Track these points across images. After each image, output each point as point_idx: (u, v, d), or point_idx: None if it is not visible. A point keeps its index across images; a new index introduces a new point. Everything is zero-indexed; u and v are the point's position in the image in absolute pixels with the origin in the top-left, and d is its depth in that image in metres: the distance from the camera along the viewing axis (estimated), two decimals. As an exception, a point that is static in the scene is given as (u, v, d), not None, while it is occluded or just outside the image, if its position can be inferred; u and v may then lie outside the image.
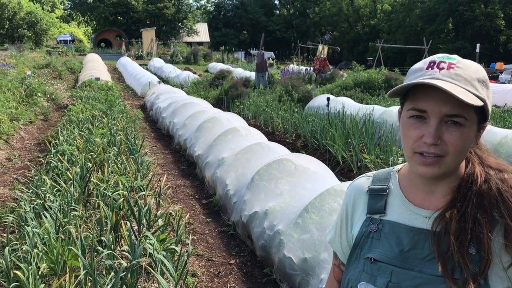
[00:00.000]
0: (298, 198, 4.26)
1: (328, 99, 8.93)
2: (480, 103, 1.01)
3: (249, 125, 8.38)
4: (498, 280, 1.01)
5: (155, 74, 22.00)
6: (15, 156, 7.61)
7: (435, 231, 1.05)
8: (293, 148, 8.19)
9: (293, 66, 21.68)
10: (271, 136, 9.26)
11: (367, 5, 55.13)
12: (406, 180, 1.17)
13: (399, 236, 1.11)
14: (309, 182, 4.58)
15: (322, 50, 19.90)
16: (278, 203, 4.28)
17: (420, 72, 1.07)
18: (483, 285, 1.00)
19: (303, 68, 20.32)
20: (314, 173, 4.77)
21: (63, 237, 3.13)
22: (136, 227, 3.88)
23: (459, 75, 1.03)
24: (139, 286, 3.05)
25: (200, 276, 3.86)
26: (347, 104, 9.86)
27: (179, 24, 55.32)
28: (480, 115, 1.06)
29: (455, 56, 1.07)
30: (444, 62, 1.05)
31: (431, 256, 1.05)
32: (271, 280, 3.79)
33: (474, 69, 1.05)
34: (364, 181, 1.26)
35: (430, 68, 1.06)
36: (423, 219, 1.10)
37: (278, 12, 66.35)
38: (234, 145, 6.22)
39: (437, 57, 1.08)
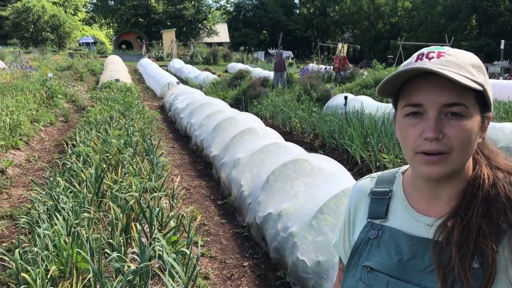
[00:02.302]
0: (313, 199, 4.17)
1: (346, 98, 8.79)
2: (478, 87, 0.92)
3: (267, 125, 8.32)
4: None
5: (175, 75, 22.10)
6: (34, 157, 7.69)
7: (437, 241, 0.96)
8: (311, 148, 8.09)
9: (312, 65, 21.51)
10: (289, 136, 9.18)
11: (388, 3, 54.45)
12: (410, 183, 1.08)
13: (399, 244, 1.02)
14: (326, 183, 4.48)
15: (342, 48, 19.69)
16: (292, 205, 4.20)
17: (408, 66, 0.98)
18: None
19: (323, 67, 20.15)
20: (331, 174, 4.66)
21: (67, 240, 3.10)
22: (149, 229, 3.84)
23: (451, 62, 0.94)
24: (149, 289, 3.01)
25: (212, 278, 3.80)
26: (366, 103, 9.70)
27: (199, 25, 55.59)
28: (481, 103, 0.96)
29: (445, 47, 1.00)
30: (433, 52, 0.97)
31: (431, 267, 0.96)
32: (284, 283, 3.71)
33: (466, 55, 0.98)
34: (367, 182, 1.18)
35: (419, 60, 0.98)
36: (425, 227, 1.01)
37: (298, 11, 66.07)
38: (250, 145, 6.16)
39: (425, 49, 1.00)
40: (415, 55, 1.01)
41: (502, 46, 25.12)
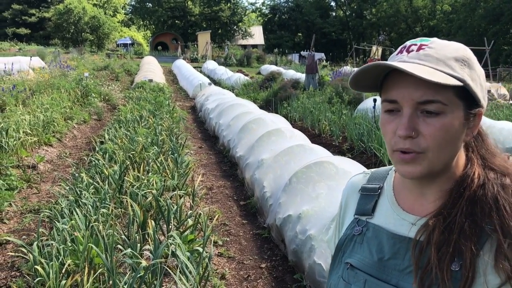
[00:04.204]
0: (335, 202, 4.08)
1: (375, 100, 8.63)
2: (455, 82, 0.85)
3: (295, 127, 8.25)
4: None
5: (208, 76, 22.28)
6: (66, 154, 7.87)
7: (418, 240, 0.91)
8: (339, 151, 7.98)
9: (346, 68, 21.28)
10: (317, 138, 9.09)
11: (426, 5, 53.38)
12: (400, 181, 1.03)
13: (381, 242, 0.98)
14: (349, 186, 4.39)
15: (376, 51, 19.41)
16: (312, 207, 4.12)
17: (390, 60, 0.94)
18: None
19: (356, 69, 19.89)
20: (356, 177, 4.56)
21: (75, 235, 3.13)
22: (166, 227, 3.85)
23: (429, 55, 0.89)
24: (163, 286, 3.01)
25: (229, 279, 3.78)
26: (398, 107, 9.49)
27: (234, 27, 55.93)
28: (466, 99, 0.90)
29: (432, 38, 0.94)
30: (415, 45, 0.92)
31: (411, 268, 0.91)
32: (301, 286, 3.65)
33: (452, 48, 0.91)
34: (359, 179, 1.15)
35: (399, 54, 0.93)
36: (408, 226, 0.96)
37: (334, 13, 65.58)
38: (275, 147, 6.11)
39: (409, 41, 0.95)
40: (399, 47, 0.96)
41: (545, 51, 24.13)
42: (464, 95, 0.89)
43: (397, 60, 0.92)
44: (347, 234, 1.06)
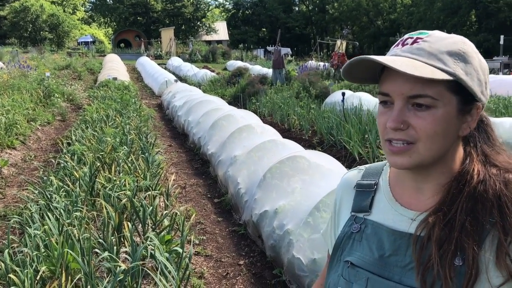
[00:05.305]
0: (310, 196, 4.10)
1: (343, 94, 8.73)
2: (443, 77, 0.85)
3: (265, 122, 8.26)
4: None
5: (174, 73, 22.02)
6: (30, 156, 7.63)
7: (419, 236, 0.90)
8: (309, 145, 8.03)
9: (311, 62, 21.42)
10: (287, 133, 9.12)
11: (387, -1, 54.37)
12: (396, 176, 1.03)
13: (381, 239, 0.97)
14: (323, 179, 4.42)
15: (341, 45, 19.62)
16: (289, 202, 4.14)
17: (389, 52, 0.95)
18: None
19: (322, 64, 20.05)
20: (329, 171, 4.60)
21: (53, 240, 3.04)
22: (142, 228, 3.78)
23: (421, 49, 0.89)
24: (142, 289, 2.96)
25: (207, 277, 3.75)
26: (364, 99, 9.64)
27: (198, 23, 55.38)
28: (461, 94, 0.89)
29: (431, 31, 0.94)
30: (411, 38, 0.93)
31: (412, 264, 0.90)
32: (280, 281, 3.66)
33: (448, 42, 0.91)
34: (354, 174, 1.14)
35: (396, 46, 0.94)
36: (408, 221, 0.95)
37: (297, 8, 65.92)
38: (247, 143, 6.10)
39: (407, 34, 0.95)
40: (399, 40, 0.97)
41: (501, 42, 25.01)
42: (458, 89, 0.89)
43: (391, 53, 0.93)
44: (345, 232, 1.05)
